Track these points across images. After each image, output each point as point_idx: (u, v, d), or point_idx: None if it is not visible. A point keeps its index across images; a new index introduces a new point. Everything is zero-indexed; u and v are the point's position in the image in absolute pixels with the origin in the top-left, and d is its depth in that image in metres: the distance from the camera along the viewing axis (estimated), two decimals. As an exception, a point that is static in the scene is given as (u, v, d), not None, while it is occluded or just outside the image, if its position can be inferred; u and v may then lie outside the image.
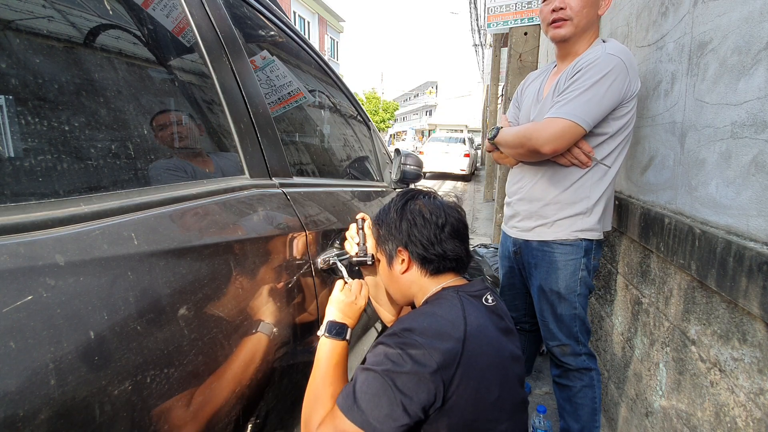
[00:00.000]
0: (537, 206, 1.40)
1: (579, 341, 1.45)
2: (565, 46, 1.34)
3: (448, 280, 0.90)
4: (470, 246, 0.96)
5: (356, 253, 1.03)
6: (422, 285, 0.91)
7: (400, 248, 0.90)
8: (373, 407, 0.71)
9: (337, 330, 0.88)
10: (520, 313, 1.72)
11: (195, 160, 0.84)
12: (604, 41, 1.32)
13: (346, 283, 0.97)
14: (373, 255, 1.01)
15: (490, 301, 0.88)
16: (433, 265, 0.89)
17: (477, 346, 0.77)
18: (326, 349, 0.86)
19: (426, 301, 0.89)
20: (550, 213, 1.38)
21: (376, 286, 1.10)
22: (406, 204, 0.92)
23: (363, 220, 1.05)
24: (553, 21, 1.29)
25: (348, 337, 0.89)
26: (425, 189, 0.98)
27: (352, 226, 1.07)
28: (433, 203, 0.91)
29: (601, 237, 1.41)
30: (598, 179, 1.33)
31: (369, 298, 1.03)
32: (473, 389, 0.75)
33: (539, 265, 1.43)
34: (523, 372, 0.89)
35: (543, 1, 1.35)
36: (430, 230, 0.88)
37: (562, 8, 1.27)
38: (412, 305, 1.01)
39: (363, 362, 0.78)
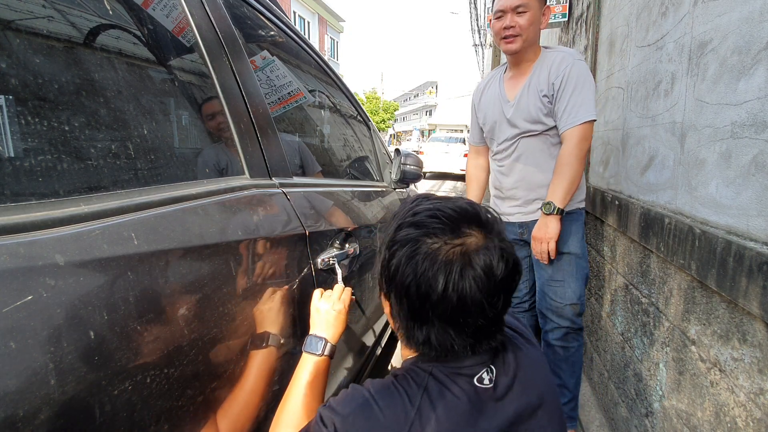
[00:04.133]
0: (540, 192, 1.62)
1: (582, 301, 1.64)
2: (516, 56, 1.59)
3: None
4: (503, 325, 0.64)
5: None
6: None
7: (382, 293, 0.66)
8: None
9: (314, 345, 0.82)
10: (522, 293, 1.88)
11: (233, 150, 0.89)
12: (546, 47, 1.60)
13: (324, 290, 0.92)
14: None
15: (486, 381, 0.61)
16: (411, 342, 0.63)
17: None
18: (304, 365, 0.80)
19: (395, 372, 0.66)
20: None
21: None
22: (408, 243, 0.59)
23: None
24: (505, 36, 1.52)
25: (327, 352, 0.81)
26: (455, 204, 0.62)
27: None
28: (446, 254, 0.56)
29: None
30: None
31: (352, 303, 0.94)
32: None
33: None
34: None
35: (496, 18, 1.56)
36: (416, 298, 0.57)
37: (512, 26, 1.50)
38: None
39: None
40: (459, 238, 0.58)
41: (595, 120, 1.47)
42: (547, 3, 1.61)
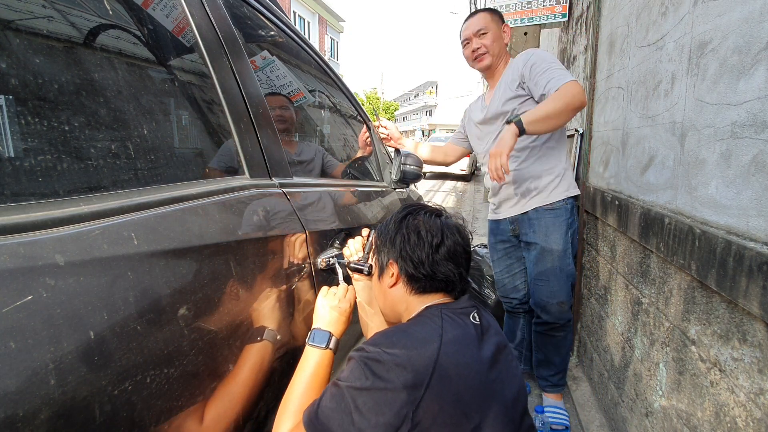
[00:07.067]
0: (525, 186, 1.73)
1: (568, 299, 1.75)
2: (490, 71, 1.80)
3: (435, 300, 0.86)
4: (471, 272, 0.91)
5: (358, 259, 1.03)
6: (408, 304, 0.87)
7: (391, 261, 0.87)
8: (330, 424, 0.68)
9: (320, 338, 0.86)
10: (521, 293, 1.93)
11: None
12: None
13: (329, 287, 0.96)
14: (371, 265, 0.99)
15: (476, 318, 0.82)
16: (420, 284, 0.85)
17: (452, 367, 0.70)
18: (308, 357, 0.83)
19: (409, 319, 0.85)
20: (534, 186, 1.72)
21: (366, 290, 1.07)
22: (404, 218, 0.89)
23: (369, 233, 1.06)
24: (476, 57, 1.75)
25: (332, 346, 0.86)
26: (432, 206, 0.94)
27: (358, 237, 1.07)
28: (433, 221, 0.87)
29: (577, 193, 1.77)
30: (557, 154, 1.72)
31: (357, 305, 1.01)
32: (448, 414, 0.68)
33: (537, 230, 1.72)
34: (519, 395, 0.81)
35: (463, 46, 1.79)
36: (423, 249, 0.83)
37: (479, 48, 1.73)
38: None
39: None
40: (433, 215, 0.89)
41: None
42: (505, 21, 1.81)
